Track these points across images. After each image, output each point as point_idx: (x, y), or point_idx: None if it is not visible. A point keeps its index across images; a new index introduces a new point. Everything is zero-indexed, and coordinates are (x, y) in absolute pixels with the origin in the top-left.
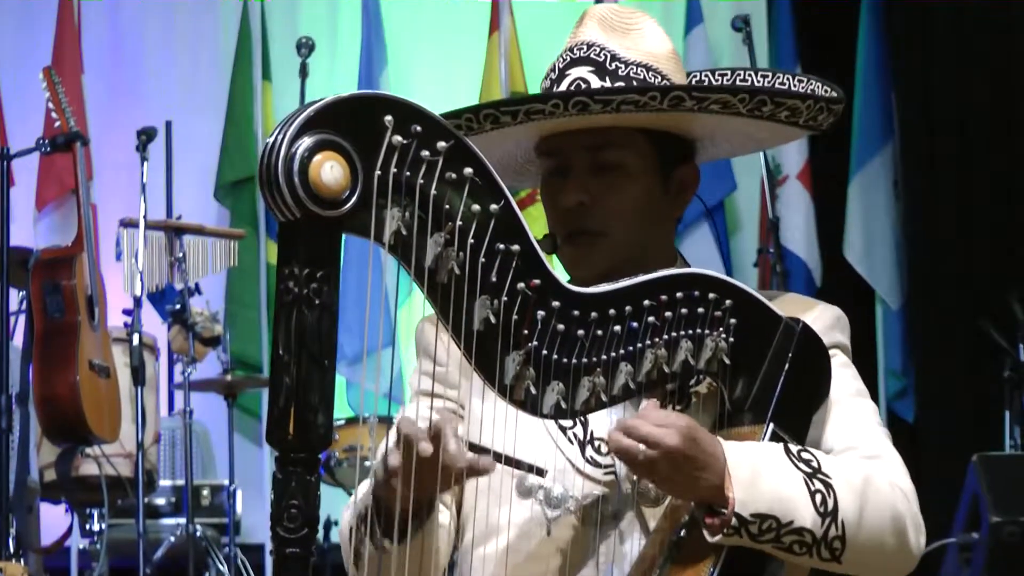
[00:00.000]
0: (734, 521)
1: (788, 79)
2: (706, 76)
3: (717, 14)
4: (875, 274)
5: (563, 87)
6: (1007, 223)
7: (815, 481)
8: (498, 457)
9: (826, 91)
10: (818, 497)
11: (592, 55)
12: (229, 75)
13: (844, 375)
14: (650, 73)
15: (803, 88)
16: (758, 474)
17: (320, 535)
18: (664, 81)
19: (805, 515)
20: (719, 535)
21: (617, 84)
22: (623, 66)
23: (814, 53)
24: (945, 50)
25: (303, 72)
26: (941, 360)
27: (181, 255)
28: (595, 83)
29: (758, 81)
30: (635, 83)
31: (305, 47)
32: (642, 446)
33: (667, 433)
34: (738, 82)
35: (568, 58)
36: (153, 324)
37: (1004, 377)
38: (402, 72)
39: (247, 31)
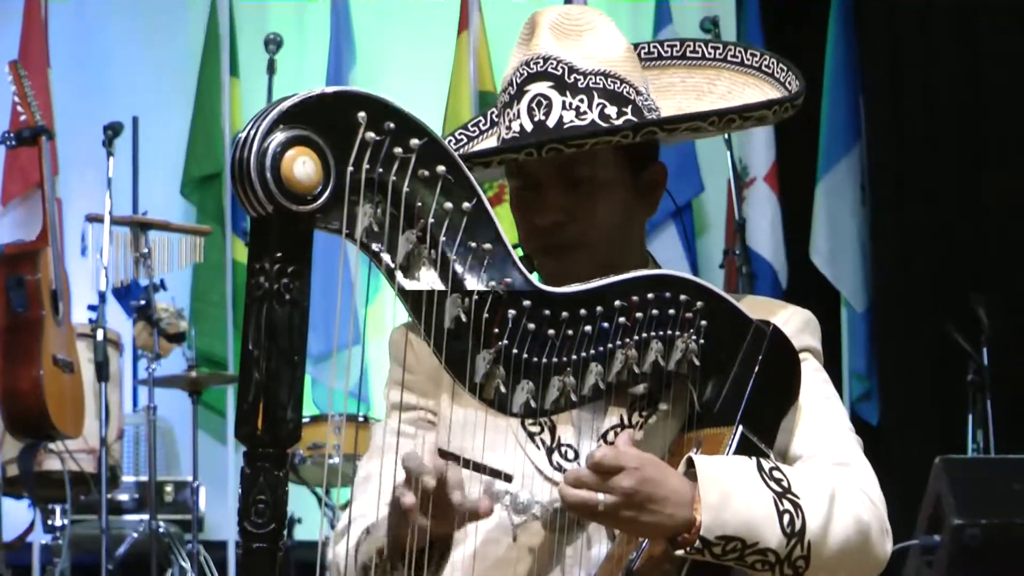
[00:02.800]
0: (698, 543)
1: (741, 52)
2: (655, 47)
3: (686, 15)
4: (840, 277)
5: (523, 104)
6: (973, 228)
7: (784, 501)
8: (466, 463)
9: (781, 70)
10: (786, 517)
11: (550, 69)
12: (197, 71)
13: (814, 380)
14: (608, 80)
15: (756, 62)
16: (727, 497)
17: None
18: (623, 85)
19: (771, 537)
20: (681, 551)
21: (578, 98)
22: (582, 77)
23: (783, 55)
24: (913, 55)
25: (271, 68)
26: (905, 363)
27: (147, 251)
28: (556, 98)
29: (708, 52)
30: (596, 93)
31: (273, 43)
32: (600, 496)
33: (620, 477)
34: (688, 53)
35: (525, 72)
36: (118, 320)
37: (967, 381)
38: (371, 70)
39: (215, 27)
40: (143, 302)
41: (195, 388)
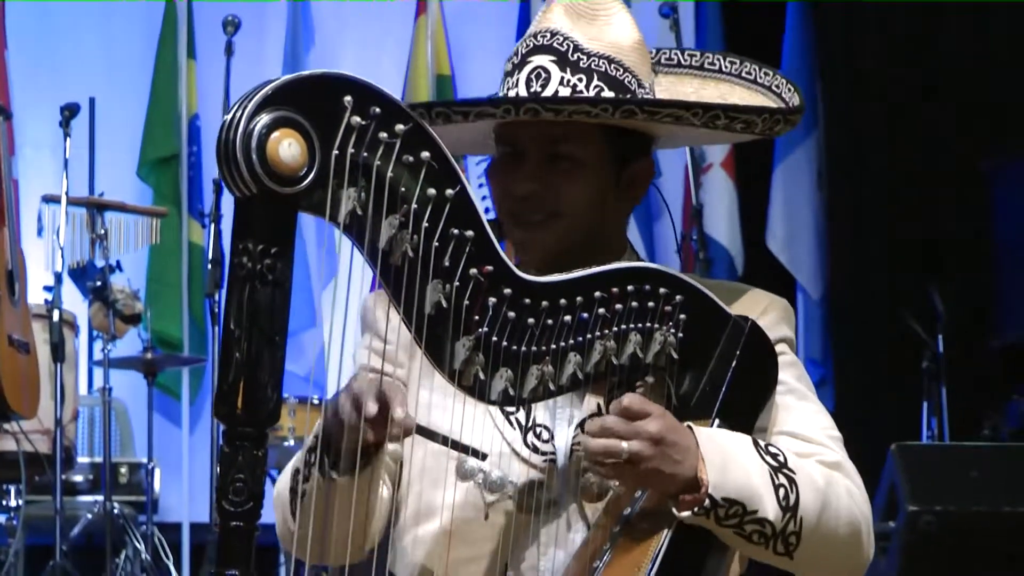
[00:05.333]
0: (707, 502)
1: (755, 70)
2: (676, 54)
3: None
4: (797, 263)
5: (524, 74)
6: (929, 215)
7: (780, 475)
8: (441, 439)
9: (788, 91)
10: (781, 491)
11: (555, 44)
12: (154, 52)
13: (792, 375)
14: (612, 65)
15: (768, 81)
16: (728, 460)
17: None
18: (626, 74)
19: (768, 506)
20: (688, 511)
21: (577, 76)
22: (585, 57)
23: (741, 40)
24: (871, 40)
25: (228, 51)
26: (861, 350)
27: (103, 232)
28: (555, 73)
29: (726, 66)
30: (596, 75)
31: (231, 25)
32: (624, 444)
33: (647, 422)
34: (706, 64)
35: (531, 44)
36: (74, 301)
37: (922, 368)
38: (328, 52)
39: (172, 8)
40: (99, 283)
41: (150, 370)
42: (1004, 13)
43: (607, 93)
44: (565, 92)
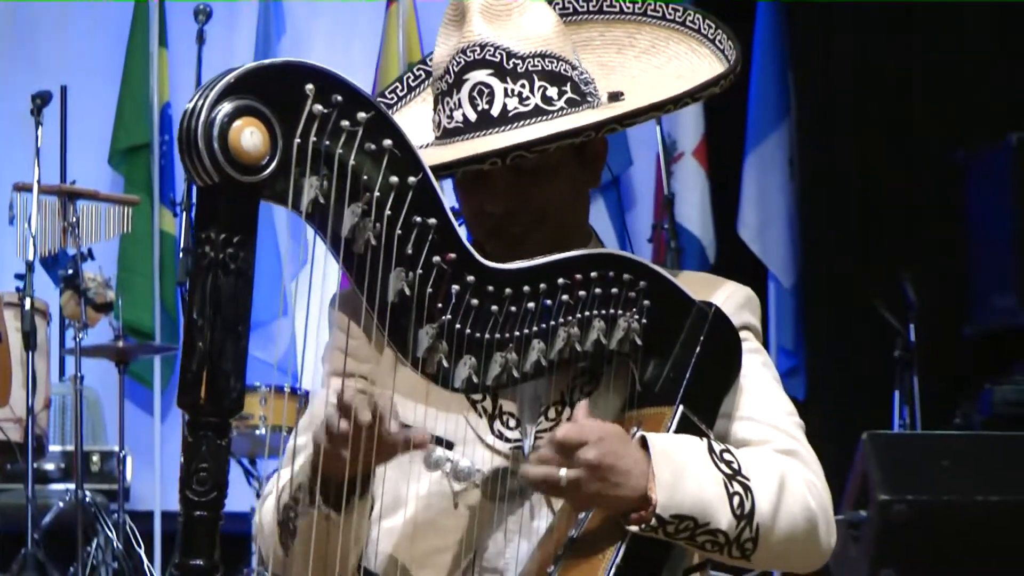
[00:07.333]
0: (653, 521)
1: (662, 7)
2: (570, 3)
3: None
4: (768, 252)
5: (464, 93)
6: (901, 204)
7: (734, 483)
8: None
9: (708, 26)
10: (736, 500)
11: (487, 56)
12: (125, 41)
13: (755, 361)
14: (546, 60)
15: (679, 17)
16: (680, 476)
17: None
18: (560, 63)
19: (722, 518)
20: (635, 527)
21: (520, 84)
22: (520, 62)
23: None
24: (843, 28)
25: (200, 39)
26: (832, 339)
27: (75, 220)
28: (497, 86)
29: (627, 7)
30: (536, 76)
31: (202, 14)
32: (562, 471)
33: (584, 450)
34: (605, 7)
35: (462, 61)
36: (45, 289)
37: (894, 357)
38: (300, 40)
39: None
40: (70, 271)
41: (121, 358)
42: (976, 7)
43: (551, 91)
44: (512, 102)
